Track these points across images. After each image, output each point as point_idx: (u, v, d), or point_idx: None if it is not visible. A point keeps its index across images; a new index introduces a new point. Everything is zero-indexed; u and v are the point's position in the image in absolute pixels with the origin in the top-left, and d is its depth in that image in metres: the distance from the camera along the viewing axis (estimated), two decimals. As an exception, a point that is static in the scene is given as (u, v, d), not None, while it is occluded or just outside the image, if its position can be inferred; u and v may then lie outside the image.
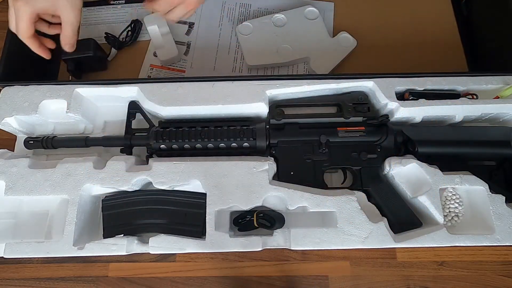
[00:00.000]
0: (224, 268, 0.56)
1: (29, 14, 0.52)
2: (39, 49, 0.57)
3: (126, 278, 0.56)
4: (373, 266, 0.56)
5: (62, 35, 0.55)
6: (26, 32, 0.53)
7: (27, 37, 0.54)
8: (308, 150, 0.56)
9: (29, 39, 0.55)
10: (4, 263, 0.56)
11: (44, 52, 0.57)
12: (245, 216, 0.51)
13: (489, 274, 0.55)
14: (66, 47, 0.57)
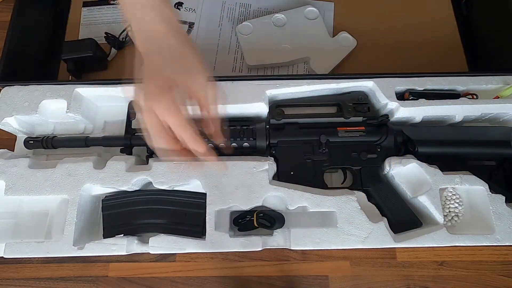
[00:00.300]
0: (224, 268, 0.56)
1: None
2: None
3: (126, 278, 0.56)
4: (373, 266, 0.56)
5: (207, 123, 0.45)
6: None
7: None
8: (308, 150, 0.56)
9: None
10: (4, 263, 0.56)
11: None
12: (245, 216, 0.51)
13: (489, 274, 0.55)
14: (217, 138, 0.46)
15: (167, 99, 0.39)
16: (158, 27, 0.41)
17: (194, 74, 0.41)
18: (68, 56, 0.63)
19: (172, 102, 0.39)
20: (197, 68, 0.42)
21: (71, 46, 0.64)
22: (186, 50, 0.42)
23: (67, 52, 0.63)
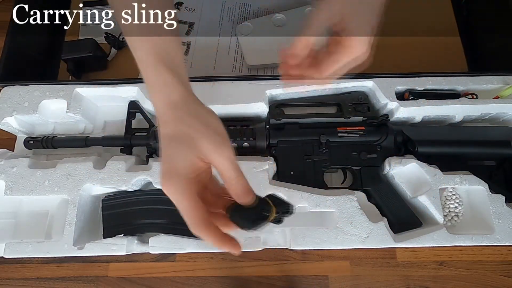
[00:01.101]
0: (224, 268, 0.56)
1: (190, 192, 0.33)
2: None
3: (126, 278, 0.56)
4: (373, 266, 0.56)
5: (228, 187, 0.34)
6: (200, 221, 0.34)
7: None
8: (308, 150, 0.56)
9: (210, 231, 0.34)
10: (4, 263, 0.56)
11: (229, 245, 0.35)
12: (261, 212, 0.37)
13: (489, 274, 0.55)
14: (242, 199, 0.35)
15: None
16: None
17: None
18: (68, 56, 0.63)
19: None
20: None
21: (71, 46, 0.64)
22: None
23: (67, 52, 0.63)
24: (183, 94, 0.35)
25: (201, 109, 0.36)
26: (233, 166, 0.34)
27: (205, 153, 0.33)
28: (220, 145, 0.33)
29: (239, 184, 0.34)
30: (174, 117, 0.35)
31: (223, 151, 0.33)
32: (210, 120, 0.35)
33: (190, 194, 0.33)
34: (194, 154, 0.33)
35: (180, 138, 0.34)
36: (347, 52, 0.37)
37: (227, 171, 0.34)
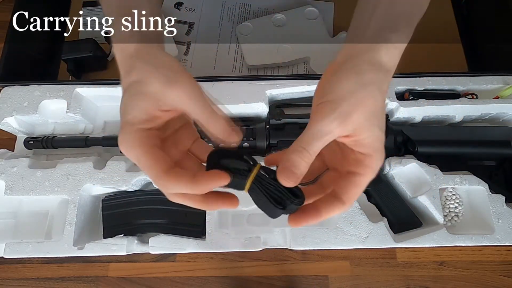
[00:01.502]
0: (224, 268, 0.56)
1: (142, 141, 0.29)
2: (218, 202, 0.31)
3: (126, 278, 0.55)
4: (373, 266, 0.56)
5: (207, 130, 0.30)
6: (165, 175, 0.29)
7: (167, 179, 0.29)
8: (308, 150, 0.56)
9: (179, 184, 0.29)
10: (4, 263, 0.55)
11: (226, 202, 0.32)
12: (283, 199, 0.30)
13: (489, 274, 0.55)
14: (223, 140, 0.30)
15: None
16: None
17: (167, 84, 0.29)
18: (68, 56, 0.63)
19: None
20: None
21: (71, 46, 0.64)
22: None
23: (67, 52, 0.63)
24: (139, 45, 0.31)
25: (158, 53, 0.31)
26: (198, 102, 0.28)
27: (158, 97, 0.28)
28: (172, 80, 0.28)
29: (214, 122, 0.29)
30: (128, 68, 0.30)
31: (177, 86, 0.28)
32: (163, 60, 0.30)
33: (144, 145, 0.28)
34: (146, 100, 0.29)
35: (132, 88, 0.29)
36: (369, 172, 0.30)
37: (191, 109, 0.29)
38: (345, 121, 0.28)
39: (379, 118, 0.30)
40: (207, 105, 0.29)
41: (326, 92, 0.30)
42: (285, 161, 0.29)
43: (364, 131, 0.29)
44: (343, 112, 0.28)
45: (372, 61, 0.30)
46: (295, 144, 0.29)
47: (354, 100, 0.28)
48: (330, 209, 0.31)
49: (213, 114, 0.29)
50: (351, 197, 0.30)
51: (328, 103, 0.29)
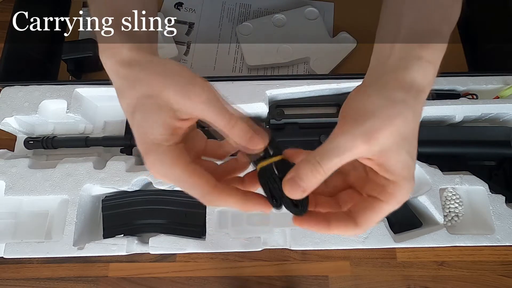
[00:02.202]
0: (224, 268, 0.56)
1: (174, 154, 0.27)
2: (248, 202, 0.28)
3: (126, 278, 0.55)
4: (373, 266, 0.56)
5: (227, 137, 0.28)
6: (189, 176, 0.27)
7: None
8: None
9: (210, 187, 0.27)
10: (4, 263, 0.55)
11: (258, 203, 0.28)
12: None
13: (489, 274, 0.55)
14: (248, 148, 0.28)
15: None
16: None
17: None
18: (68, 56, 0.63)
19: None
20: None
21: (71, 46, 0.64)
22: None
23: (67, 52, 0.63)
24: (132, 51, 0.28)
25: (156, 60, 0.28)
26: (216, 109, 0.26)
27: (175, 107, 0.26)
28: (186, 88, 0.26)
29: (236, 129, 0.27)
30: (127, 80, 0.28)
31: (192, 94, 0.26)
32: (169, 67, 0.27)
33: (181, 163, 0.26)
34: (163, 114, 0.26)
35: (143, 104, 0.27)
36: (392, 201, 0.27)
37: (210, 117, 0.26)
38: (370, 139, 0.25)
39: (411, 143, 0.26)
40: (224, 110, 0.27)
41: (351, 107, 0.27)
42: (295, 170, 0.26)
43: (391, 156, 0.25)
44: (369, 128, 0.25)
45: (402, 80, 0.26)
46: (311, 155, 0.26)
47: (383, 117, 0.25)
48: (340, 226, 0.28)
49: (232, 118, 0.27)
50: (367, 222, 0.27)
51: (353, 117, 0.26)
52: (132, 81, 0.28)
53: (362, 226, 0.27)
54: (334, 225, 0.28)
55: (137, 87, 0.27)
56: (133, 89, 0.28)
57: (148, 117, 0.27)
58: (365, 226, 0.27)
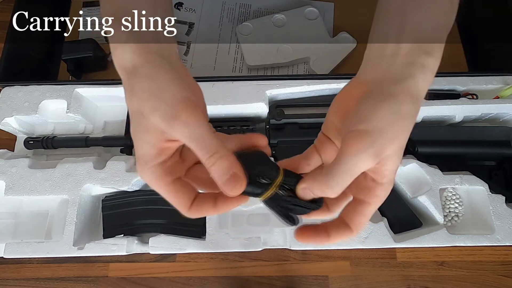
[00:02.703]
0: (224, 268, 0.56)
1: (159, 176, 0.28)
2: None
3: (126, 278, 0.55)
4: (373, 266, 0.56)
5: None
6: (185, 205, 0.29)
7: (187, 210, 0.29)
8: (308, 150, 0.56)
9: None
10: (4, 263, 0.56)
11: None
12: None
13: (489, 274, 0.55)
14: (225, 190, 0.27)
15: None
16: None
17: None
18: (68, 56, 0.63)
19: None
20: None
21: (71, 46, 0.64)
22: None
23: (67, 52, 0.63)
24: (135, 53, 0.28)
25: (157, 74, 0.27)
26: (198, 145, 0.26)
27: (162, 130, 0.27)
28: (171, 117, 0.26)
29: (214, 167, 0.26)
30: (126, 88, 0.28)
31: (178, 123, 0.26)
32: (162, 89, 0.27)
33: (162, 182, 0.28)
34: (151, 135, 0.27)
35: (135, 118, 0.28)
36: (377, 202, 0.29)
37: (193, 147, 0.26)
38: (379, 156, 0.26)
39: (403, 149, 0.28)
40: (207, 145, 0.26)
41: (360, 118, 0.27)
42: (309, 182, 0.27)
43: (389, 163, 0.27)
44: (379, 147, 0.26)
45: (410, 91, 0.27)
46: (323, 176, 0.27)
47: (392, 134, 0.26)
48: (339, 234, 0.29)
49: (213, 156, 0.26)
50: (359, 226, 0.29)
51: (365, 135, 0.26)
52: (130, 91, 0.28)
53: (356, 230, 0.29)
54: (334, 235, 0.29)
55: (133, 99, 0.28)
56: (130, 97, 0.28)
57: (137, 132, 0.28)
58: (358, 230, 0.29)
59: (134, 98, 0.28)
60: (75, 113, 0.57)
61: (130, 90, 0.28)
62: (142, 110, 0.27)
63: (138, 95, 0.27)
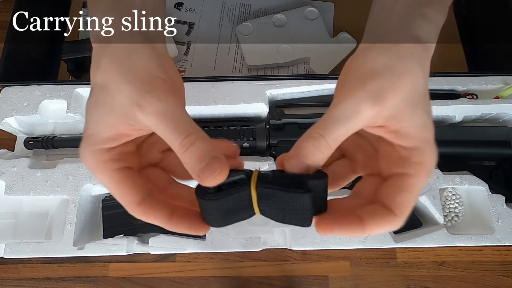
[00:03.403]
0: (224, 268, 0.56)
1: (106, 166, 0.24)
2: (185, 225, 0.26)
3: (126, 278, 0.55)
4: (373, 266, 0.56)
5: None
6: (133, 198, 0.24)
7: (137, 205, 0.25)
8: (308, 150, 0.56)
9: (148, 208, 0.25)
10: (4, 263, 0.55)
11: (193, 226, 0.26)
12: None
13: (489, 274, 0.55)
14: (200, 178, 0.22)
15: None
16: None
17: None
18: (68, 56, 0.63)
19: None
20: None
21: (71, 46, 0.64)
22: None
23: (67, 52, 0.63)
24: (115, 27, 0.24)
25: (134, 49, 0.24)
26: (170, 124, 0.22)
27: (127, 114, 0.23)
28: (142, 93, 0.22)
29: (188, 153, 0.22)
30: (95, 62, 0.24)
31: (145, 102, 0.22)
32: (135, 64, 0.23)
33: (108, 171, 0.23)
34: (113, 117, 0.23)
35: (96, 94, 0.24)
36: (421, 171, 0.23)
37: (163, 133, 0.22)
38: (379, 101, 0.21)
39: (425, 100, 0.23)
40: (181, 128, 0.22)
41: (351, 70, 0.24)
42: (296, 148, 0.23)
43: (406, 118, 0.22)
44: (376, 89, 0.21)
45: (407, 34, 0.23)
46: (311, 129, 0.23)
47: (390, 75, 0.22)
48: (377, 220, 0.23)
49: (188, 139, 0.22)
50: (404, 206, 0.23)
51: (355, 80, 0.22)
52: (97, 61, 0.24)
53: (400, 213, 0.23)
54: (369, 221, 0.23)
55: (97, 72, 0.24)
56: (94, 71, 0.24)
57: (96, 113, 0.24)
58: (404, 213, 0.23)
59: (99, 69, 0.24)
60: (75, 113, 0.57)
61: (98, 60, 0.24)
62: (107, 83, 0.23)
63: (106, 66, 0.23)
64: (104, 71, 0.23)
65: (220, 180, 0.22)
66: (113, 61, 0.23)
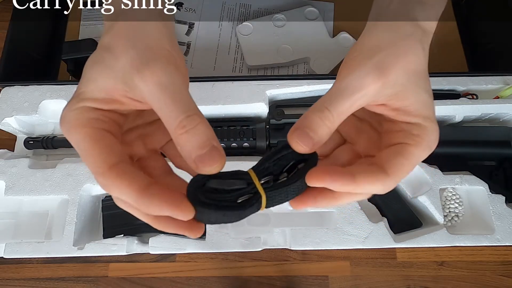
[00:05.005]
0: (224, 268, 0.56)
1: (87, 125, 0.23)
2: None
3: (126, 278, 0.55)
4: (373, 266, 0.56)
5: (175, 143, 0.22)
6: (103, 163, 0.21)
7: (107, 171, 0.21)
8: (308, 150, 0.56)
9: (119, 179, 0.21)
10: (4, 263, 0.55)
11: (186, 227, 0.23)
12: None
13: (489, 274, 0.55)
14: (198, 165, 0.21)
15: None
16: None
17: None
18: (68, 56, 0.63)
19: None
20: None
21: (71, 46, 0.64)
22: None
23: (67, 52, 0.63)
24: (125, 9, 0.23)
25: (146, 22, 0.23)
26: (170, 97, 0.20)
27: (125, 79, 0.21)
28: (144, 62, 0.21)
29: (188, 135, 0.20)
30: (108, 26, 0.24)
31: (148, 72, 0.20)
32: (145, 31, 0.22)
33: (89, 126, 0.22)
34: (109, 78, 0.22)
35: (98, 53, 0.24)
36: (421, 143, 0.23)
37: (160, 107, 0.20)
38: (382, 76, 0.22)
39: (425, 80, 0.24)
40: (183, 103, 0.20)
41: (356, 48, 0.24)
42: (301, 120, 0.22)
43: (408, 95, 0.23)
44: (380, 63, 0.22)
45: (407, 18, 0.24)
46: (317, 103, 0.23)
47: (394, 50, 0.23)
48: (369, 177, 0.22)
49: (190, 118, 0.20)
50: (398, 170, 0.23)
51: (360, 55, 0.23)
52: (108, 28, 0.24)
53: (393, 175, 0.23)
54: (361, 177, 0.22)
55: (104, 38, 0.23)
56: (102, 39, 0.24)
57: (93, 68, 0.23)
58: (397, 175, 0.24)
59: (109, 33, 0.23)
60: (75, 113, 0.56)
61: (110, 26, 0.23)
62: (113, 45, 0.22)
63: (117, 30, 0.23)
64: (114, 35, 0.23)
65: (215, 171, 0.21)
66: (126, 26, 0.23)
